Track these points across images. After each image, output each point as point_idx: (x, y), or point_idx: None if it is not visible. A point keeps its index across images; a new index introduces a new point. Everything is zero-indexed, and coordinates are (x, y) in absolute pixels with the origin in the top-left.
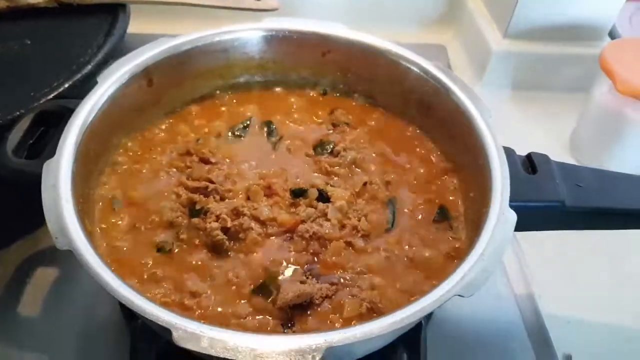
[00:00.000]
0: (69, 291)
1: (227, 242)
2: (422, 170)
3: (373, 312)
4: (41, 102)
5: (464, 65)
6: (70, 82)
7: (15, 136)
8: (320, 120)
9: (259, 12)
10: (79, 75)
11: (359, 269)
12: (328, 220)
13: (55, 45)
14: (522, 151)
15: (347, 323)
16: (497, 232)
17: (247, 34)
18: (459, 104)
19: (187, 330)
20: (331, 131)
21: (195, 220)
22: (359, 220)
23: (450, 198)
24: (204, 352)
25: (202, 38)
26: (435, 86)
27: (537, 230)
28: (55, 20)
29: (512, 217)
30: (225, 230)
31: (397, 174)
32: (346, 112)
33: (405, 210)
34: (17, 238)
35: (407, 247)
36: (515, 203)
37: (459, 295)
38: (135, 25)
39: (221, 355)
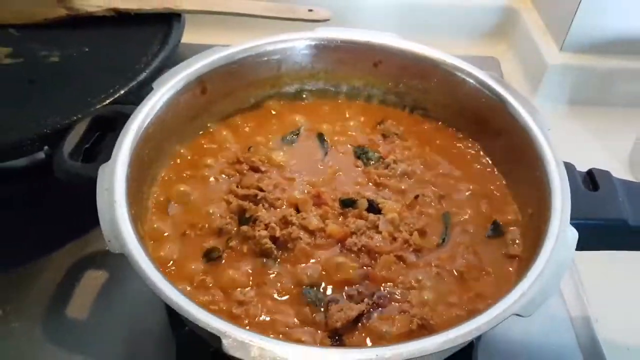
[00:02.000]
0: (117, 295)
1: (275, 251)
2: (476, 185)
3: (424, 328)
4: (97, 107)
5: (518, 79)
6: (126, 89)
7: (71, 140)
8: (370, 131)
9: (312, 23)
10: (134, 82)
11: (409, 283)
12: (379, 232)
13: (112, 53)
14: (579, 168)
15: (396, 339)
16: (558, 250)
17: (299, 43)
18: (516, 116)
19: (237, 338)
20: (381, 142)
21: (245, 228)
22: (411, 235)
23: (506, 215)
24: None
25: (255, 47)
26: (491, 98)
27: (597, 249)
28: (112, 29)
29: (574, 235)
30: (274, 239)
31: (450, 187)
32: (397, 123)
33: (458, 225)
34: (69, 241)
35: (459, 263)
36: (576, 221)
37: (517, 315)
38: (190, 35)
39: None
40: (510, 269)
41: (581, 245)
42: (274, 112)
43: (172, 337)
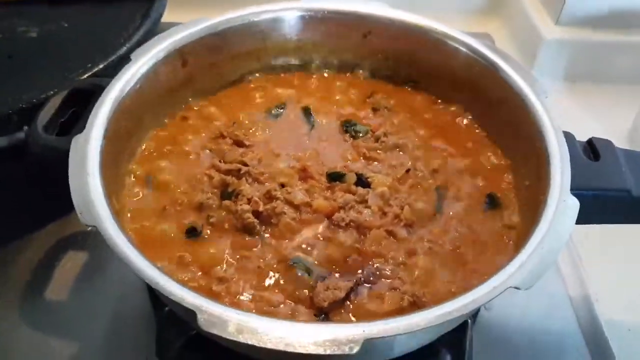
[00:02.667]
0: (98, 277)
1: (258, 226)
2: (470, 158)
3: (416, 306)
4: (79, 79)
5: (513, 55)
6: (105, 63)
7: (47, 114)
8: (359, 105)
9: None
10: (114, 57)
11: (400, 259)
12: (368, 207)
13: (91, 28)
14: None
15: (386, 317)
16: (558, 219)
17: (285, 14)
18: (511, 84)
19: (213, 314)
20: (371, 115)
21: (227, 202)
22: (402, 209)
23: (502, 185)
24: (230, 339)
25: (239, 18)
26: (485, 66)
27: (598, 222)
28: (93, 4)
29: (574, 203)
30: (257, 214)
31: (443, 161)
32: (387, 95)
33: (452, 199)
34: (49, 221)
35: (453, 237)
36: (576, 191)
37: (515, 288)
38: (173, 14)
39: (249, 342)
40: (509, 242)
41: (581, 219)
42: (259, 87)
43: (154, 319)
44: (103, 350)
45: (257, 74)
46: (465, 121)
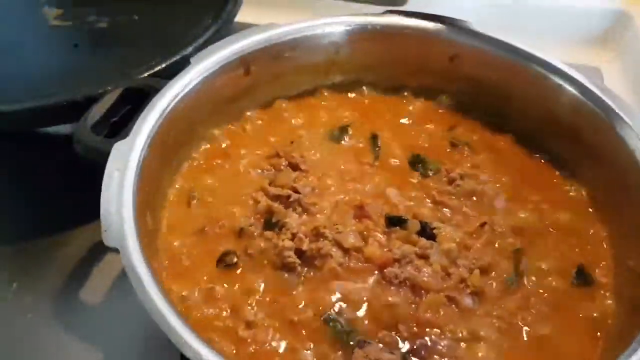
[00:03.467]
0: None
1: (299, 267)
2: (563, 217)
3: None
4: (135, 78)
5: (623, 95)
6: (166, 63)
7: (98, 112)
8: (435, 138)
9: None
10: (177, 57)
11: (460, 335)
12: (429, 264)
13: (161, 24)
14: None
15: None
16: None
17: (362, 26)
18: (625, 139)
19: None
20: (448, 151)
21: (269, 233)
22: (471, 272)
23: (598, 262)
24: None
25: (310, 27)
26: (594, 112)
27: None
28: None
29: None
30: (299, 252)
31: (528, 217)
32: (469, 131)
33: (535, 268)
34: (93, 218)
35: (530, 318)
36: None
37: None
38: (248, 15)
39: None
40: (597, 333)
41: None
42: (324, 104)
43: None
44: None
45: (323, 91)
46: (561, 175)
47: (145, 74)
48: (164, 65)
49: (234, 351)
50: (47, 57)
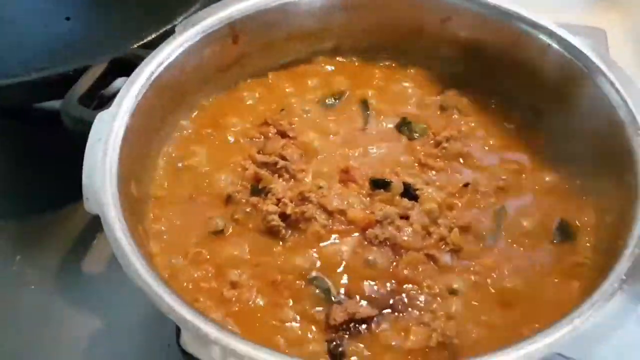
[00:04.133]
0: None
1: (283, 230)
2: (547, 178)
3: (444, 348)
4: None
5: (626, 55)
6: (157, 33)
7: (85, 84)
8: (427, 102)
9: None
10: (167, 27)
11: (437, 290)
12: (410, 224)
13: None
14: None
15: (408, 356)
16: (633, 275)
17: None
18: (610, 99)
19: (199, 332)
20: (437, 115)
21: (254, 199)
22: (450, 231)
23: (579, 218)
24: None
25: None
26: (581, 70)
27: None
28: None
29: None
30: (284, 216)
31: (512, 178)
32: (459, 95)
33: (515, 226)
34: None
35: (508, 271)
36: None
37: (560, 355)
38: None
39: None
40: (575, 285)
41: None
42: (315, 71)
43: None
44: (128, 328)
45: (314, 58)
46: (547, 134)
47: (136, 45)
48: (153, 36)
49: (219, 311)
50: (39, 31)
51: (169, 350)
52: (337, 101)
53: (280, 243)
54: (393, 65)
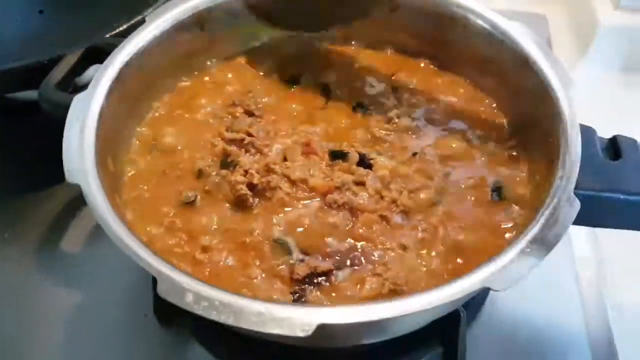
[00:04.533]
0: None
1: (250, 199)
2: (488, 148)
3: (395, 294)
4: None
5: (567, 39)
6: (130, 23)
7: (61, 71)
8: (381, 82)
9: None
10: (139, 17)
11: (389, 245)
12: (365, 189)
13: None
14: None
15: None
16: (553, 221)
17: None
18: (536, 70)
19: (173, 282)
20: (390, 94)
21: (223, 171)
22: (400, 194)
23: (515, 179)
24: (185, 308)
25: None
26: (512, 50)
27: (614, 228)
28: None
29: (574, 206)
30: (251, 186)
31: (457, 146)
32: (410, 74)
33: (457, 189)
34: None
35: (450, 229)
36: (587, 192)
37: (488, 288)
38: None
39: (202, 314)
40: (506, 237)
41: (594, 222)
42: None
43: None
44: (106, 302)
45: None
46: (487, 108)
47: (109, 35)
48: (126, 26)
49: (192, 271)
50: (13, 24)
51: (146, 319)
52: (298, 83)
53: (248, 210)
54: (351, 48)
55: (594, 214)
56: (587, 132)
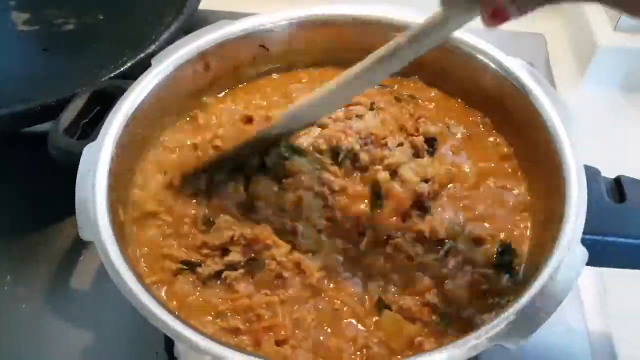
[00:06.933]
0: None
1: None
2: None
3: None
4: (100, 81)
5: (566, 60)
6: (132, 62)
7: (69, 116)
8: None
9: None
10: (141, 55)
11: None
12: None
13: (126, 22)
14: (624, 168)
15: None
16: (561, 272)
17: (313, 19)
18: (538, 109)
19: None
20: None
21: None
22: None
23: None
24: None
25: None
26: (515, 87)
27: (617, 267)
28: None
29: (581, 256)
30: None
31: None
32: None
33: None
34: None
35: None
36: (593, 236)
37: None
38: (211, 1)
39: None
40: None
41: (600, 262)
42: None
43: None
44: (117, 339)
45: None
46: (492, 138)
47: (112, 74)
48: (129, 65)
49: None
50: (19, 62)
51: (157, 357)
52: None
53: None
54: None
55: (598, 256)
56: (592, 174)
